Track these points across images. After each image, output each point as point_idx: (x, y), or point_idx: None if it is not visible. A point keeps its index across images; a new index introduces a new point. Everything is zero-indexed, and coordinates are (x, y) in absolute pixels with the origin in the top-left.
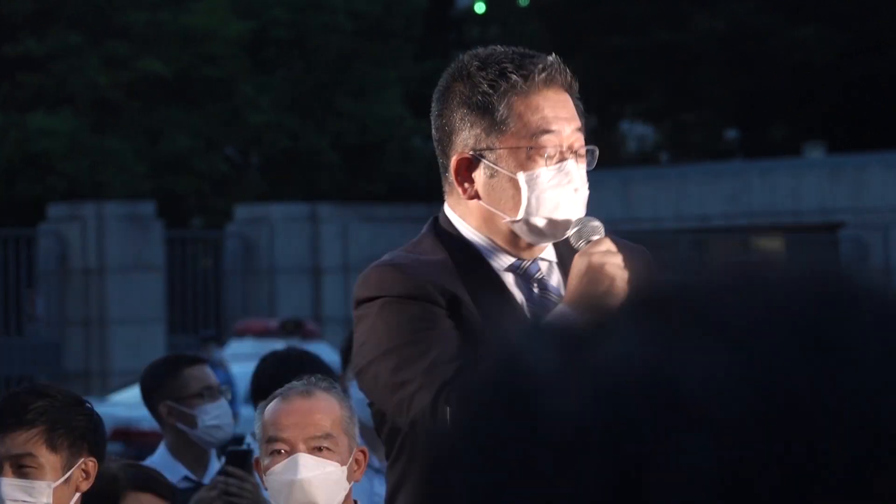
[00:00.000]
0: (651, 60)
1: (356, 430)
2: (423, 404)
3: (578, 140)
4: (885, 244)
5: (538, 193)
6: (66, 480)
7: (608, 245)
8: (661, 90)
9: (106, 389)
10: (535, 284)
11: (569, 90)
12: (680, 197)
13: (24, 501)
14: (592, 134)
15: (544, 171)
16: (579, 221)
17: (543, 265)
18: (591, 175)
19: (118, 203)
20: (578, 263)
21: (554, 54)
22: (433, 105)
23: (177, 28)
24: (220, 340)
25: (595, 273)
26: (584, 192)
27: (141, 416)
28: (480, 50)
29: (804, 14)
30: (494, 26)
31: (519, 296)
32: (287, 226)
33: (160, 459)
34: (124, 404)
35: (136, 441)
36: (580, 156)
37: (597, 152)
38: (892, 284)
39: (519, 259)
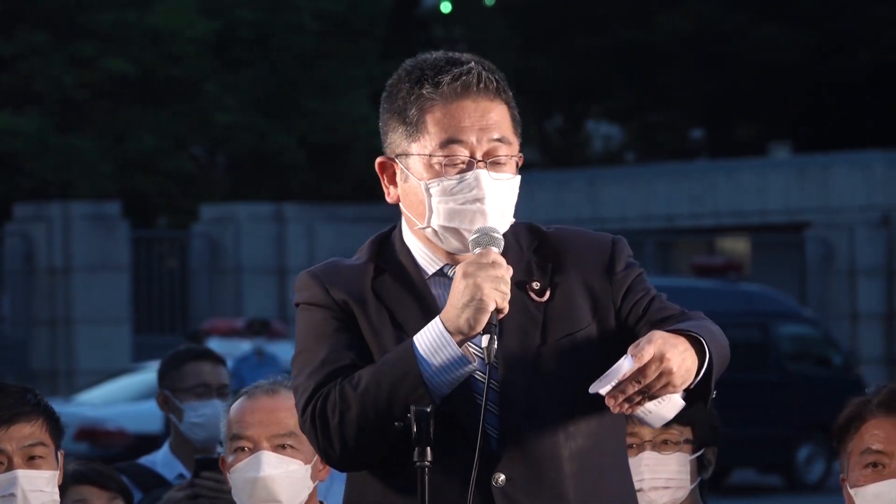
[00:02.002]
0: (617, 60)
1: None
2: (301, 411)
3: (497, 149)
4: (851, 244)
5: (438, 202)
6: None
7: (489, 257)
8: (627, 90)
9: (72, 389)
10: None
11: (495, 97)
12: (646, 197)
13: (42, 491)
14: (558, 133)
15: (446, 181)
16: (479, 230)
17: None
18: (557, 175)
19: (84, 203)
20: (456, 274)
21: (474, 62)
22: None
23: (142, 28)
24: (198, 339)
25: (464, 284)
26: (494, 203)
27: (106, 416)
28: (423, 54)
29: (770, 14)
30: (460, 26)
31: (441, 299)
32: (253, 225)
33: (162, 456)
34: (90, 404)
35: (101, 441)
36: (497, 164)
37: (519, 161)
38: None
39: (448, 263)
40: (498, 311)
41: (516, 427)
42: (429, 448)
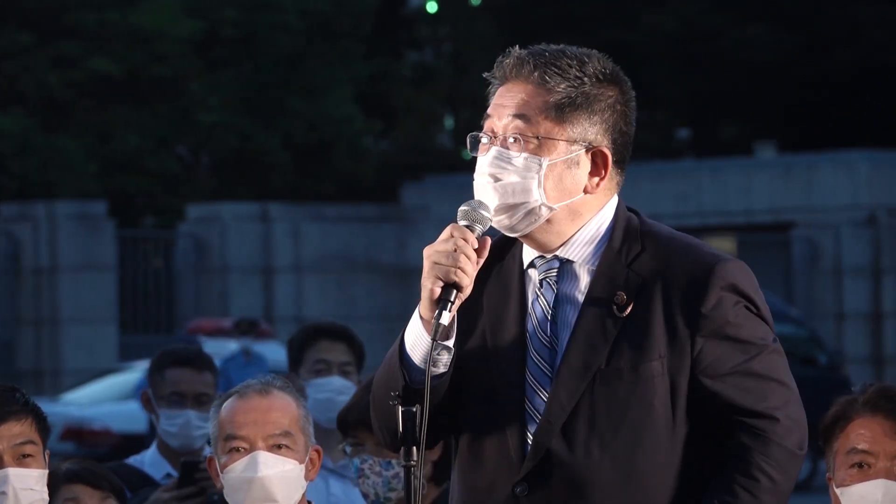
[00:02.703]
0: None
1: (311, 430)
2: None
3: (510, 126)
4: (836, 244)
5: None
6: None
7: (448, 233)
8: None
9: (58, 389)
10: (541, 283)
11: (528, 79)
12: (631, 196)
13: (32, 490)
14: None
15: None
16: (469, 203)
17: (567, 267)
18: None
19: (69, 203)
20: None
21: (516, 47)
22: None
23: (127, 27)
24: (191, 340)
25: (425, 260)
26: (493, 180)
27: (92, 416)
28: None
29: (754, 14)
30: (446, 26)
31: (529, 292)
32: (238, 225)
33: (150, 456)
34: (76, 404)
35: (87, 440)
36: (512, 142)
37: (521, 140)
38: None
39: (540, 255)
40: (454, 287)
41: (548, 443)
42: (415, 448)
